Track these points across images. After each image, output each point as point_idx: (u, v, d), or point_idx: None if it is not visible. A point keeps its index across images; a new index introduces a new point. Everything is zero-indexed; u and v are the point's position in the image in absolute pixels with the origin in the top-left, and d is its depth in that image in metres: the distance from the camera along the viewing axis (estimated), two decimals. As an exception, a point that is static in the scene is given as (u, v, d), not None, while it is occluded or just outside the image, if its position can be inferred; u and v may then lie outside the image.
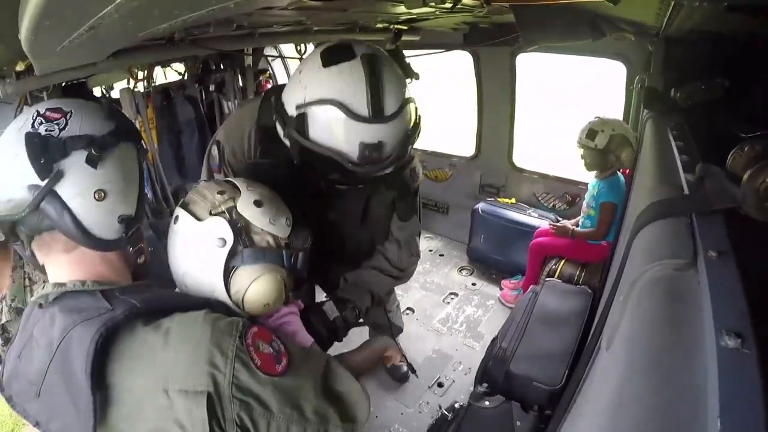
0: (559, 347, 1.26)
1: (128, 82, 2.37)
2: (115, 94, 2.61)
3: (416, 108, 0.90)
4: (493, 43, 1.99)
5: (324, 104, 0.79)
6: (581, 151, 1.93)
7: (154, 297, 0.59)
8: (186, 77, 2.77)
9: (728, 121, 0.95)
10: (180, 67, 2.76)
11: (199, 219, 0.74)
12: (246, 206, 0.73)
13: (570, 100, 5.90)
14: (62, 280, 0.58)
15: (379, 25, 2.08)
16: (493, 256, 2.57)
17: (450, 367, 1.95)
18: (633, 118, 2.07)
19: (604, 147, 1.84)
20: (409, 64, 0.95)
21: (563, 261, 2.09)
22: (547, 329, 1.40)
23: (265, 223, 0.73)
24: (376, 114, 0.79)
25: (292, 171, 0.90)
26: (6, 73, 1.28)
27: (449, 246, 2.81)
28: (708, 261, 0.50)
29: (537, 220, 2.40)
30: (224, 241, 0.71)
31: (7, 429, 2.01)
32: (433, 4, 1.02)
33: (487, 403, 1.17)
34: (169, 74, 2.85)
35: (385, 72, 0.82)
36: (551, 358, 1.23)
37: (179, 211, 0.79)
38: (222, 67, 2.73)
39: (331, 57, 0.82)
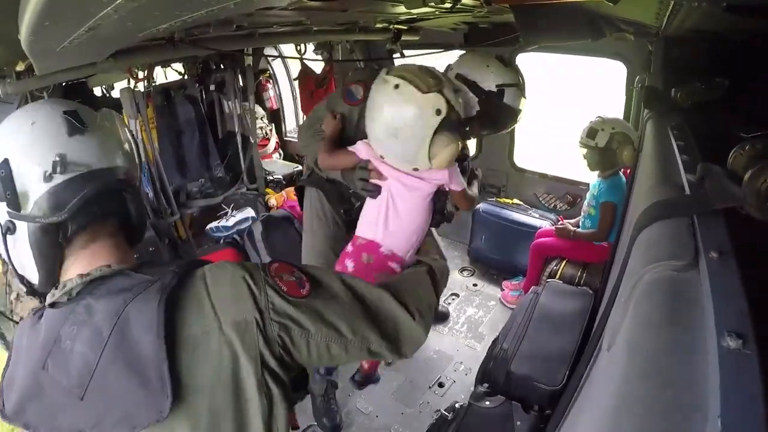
0: (559, 348, 1.26)
1: (128, 82, 2.37)
2: (115, 93, 2.61)
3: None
4: (493, 43, 1.99)
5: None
6: (583, 150, 1.93)
7: (179, 263, 0.60)
8: (186, 77, 2.77)
9: (728, 120, 0.95)
10: (180, 67, 2.77)
11: (422, 91, 0.95)
12: (449, 92, 0.98)
13: (570, 100, 5.90)
14: (79, 272, 0.57)
15: (379, 25, 2.08)
16: (494, 256, 2.56)
17: (451, 368, 1.94)
18: (633, 117, 2.07)
19: (604, 145, 1.84)
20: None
21: (564, 262, 2.09)
22: (548, 330, 1.40)
23: (460, 106, 1.01)
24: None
25: None
26: (6, 73, 1.28)
27: (450, 246, 2.81)
28: (709, 261, 0.50)
29: (538, 220, 2.40)
30: (440, 112, 0.95)
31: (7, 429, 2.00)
32: (432, 4, 1.02)
33: (487, 403, 1.17)
34: (169, 74, 2.85)
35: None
36: (552, 359, 1.23)
37: (399, 81, 0.96)
38: (222, 66, 2.73)
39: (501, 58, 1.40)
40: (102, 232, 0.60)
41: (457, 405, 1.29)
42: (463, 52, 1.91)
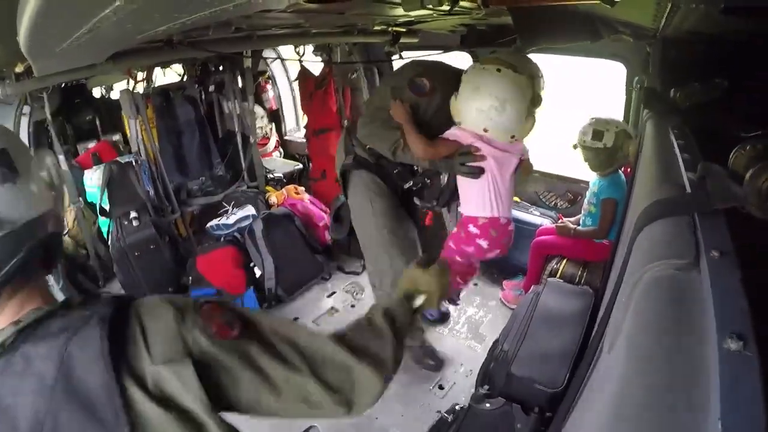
0: (561, 349, 1.26)
1: (128, 84, 2.37)
2: (114, 95, 2.62)
3: None
4: (491, 45, 2.00)
5: None
6: (585, 153, 1.93)
7: (110, 297, 0.57)
8: (185, 78, 2.78)
9: (728, 121, 0.95)
10: (179, 68, 2.77)
11: (520, 74, 1.22)
12: (535, 74, 1.28)
13: (570, 99, 5.91)
14: (10, 321, 0.52)
15: (378, 28, 2.08)
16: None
17: (451, 369, 1.94)
18: (633, 118, 2.07)
19: (612, 145, 1.84)
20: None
21: (565, 260, 2.08)
22: (549, 330, 1.40)
23: (539, 86, 1.28)
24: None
25: None
26: (5, 75, 1.28)
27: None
28: (710, 261, 0.50)
29: (538, 218, 2.40)
30: (531, 89, 1.22)
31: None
32: (430, 6, 1.03)
33: (487, 405, 1.17)
34: (168, 75, 2.86)
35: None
36: (553, 360, 1.22)
37: (498, 65, 1.22)
38: (221, 68, 2.74)
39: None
40: (30, 278, 0.54)
41: (457, 407, 1.28)
42: (463, 53, 1.92)
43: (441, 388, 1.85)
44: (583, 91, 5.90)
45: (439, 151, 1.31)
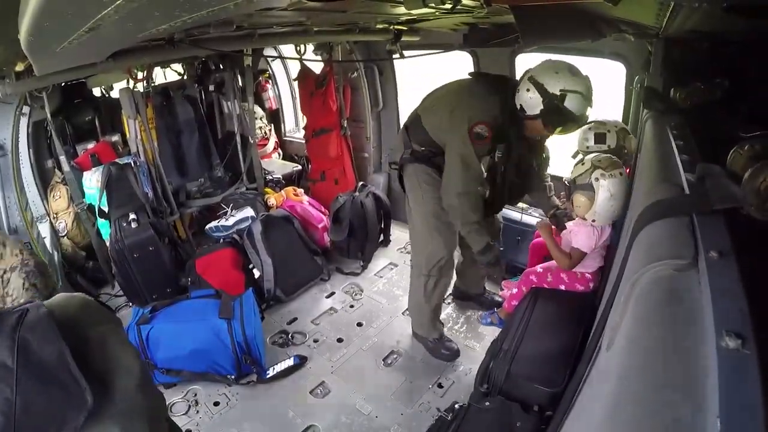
0: (559, 348, 1.26)
1: (128, 83, 2.36)
2: (114, 94, 2.61)
3: None
4: (493, 44, 1.99)
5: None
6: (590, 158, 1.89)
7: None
8: (185, 77, 2.77)
9: (728, 120, 0.95)
10: (179, 67, 2.76)
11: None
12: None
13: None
14: None
15: (379, 26, 2.08)
16: (493, 256, 2.57)
17: (450, 368, 1.95)
18: (633, 117, 2.07)
19: (616, 144, 1.83)
20: None
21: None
22: (548, 330, 1.40)
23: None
24: (590, 101, 1.62)
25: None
26: (6, 74, 1.28)
27: (449, 246, 2.81)
28: (709, 261, 0.50)
29: (538, 219, 2.40)
30: None
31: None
32: (433, 4, 1.02)
33: (487, 403, 1.17)
34: (168, 74, 2.85)
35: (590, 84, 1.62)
36: (552, 359, 1.23)
37: (619, 167, 1.49)
38: (221, 67, 2.73)
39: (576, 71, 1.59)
40: None
41: (456, 405, 1.29)
42: (462, 52, 1.92)
43: (440, 386, 1.86)
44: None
45: (575, 261, 1.59)
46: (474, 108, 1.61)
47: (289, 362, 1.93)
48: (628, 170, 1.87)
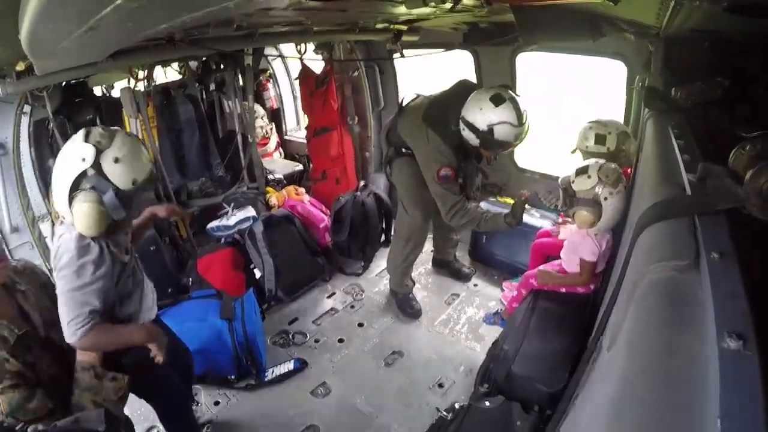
0: (560, 348, 1.26)
1: (129, 82, 2.36)
2: (115, 93, 2.61)
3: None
4: (493, 43, 1.99)
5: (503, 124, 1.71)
6: (587, 157, 1.88)
7: None
8: (186, 77, 2.77)
9: (729, 120, 0.95)
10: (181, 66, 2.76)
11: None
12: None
13: (570, 100, 5.89)
14: None
15: (379, 26, 2.07)
16: (495, 256, 2.56)
17: (451, 368, 1.94)
18: (633, 117, 2.06)
19: (615, 147, 1.82)
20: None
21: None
22: (549, 331, 1.40)
23: None
24: (521, 123, 1.72)
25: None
26: (6, 73, 1.28)
27: (450, 246, 2.80)
28: (710, 262, 0.50)
29: (539, 220, 2.39)
30: None
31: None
32: (433, 4, 1.02)
33: (487, 403, 1.17)
34: (169, 73, 2.85)
35: (518, 104, 1.71)
36: (552, 360, 1.23)
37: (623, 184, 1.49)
38: (222, 66, 2.73)
39: (498, 99, 1.70)
40: None
41: (457, 405, 1.29)
42: (464, 53, 1.93)
43: (441, 386, 1.86)
44: (583, 91, 5.89)
45: (588, 273, 1.61)
46: (437, 155, 1.87)
47: (289, 366, 1.93)
48: (628, 170, 1.87)
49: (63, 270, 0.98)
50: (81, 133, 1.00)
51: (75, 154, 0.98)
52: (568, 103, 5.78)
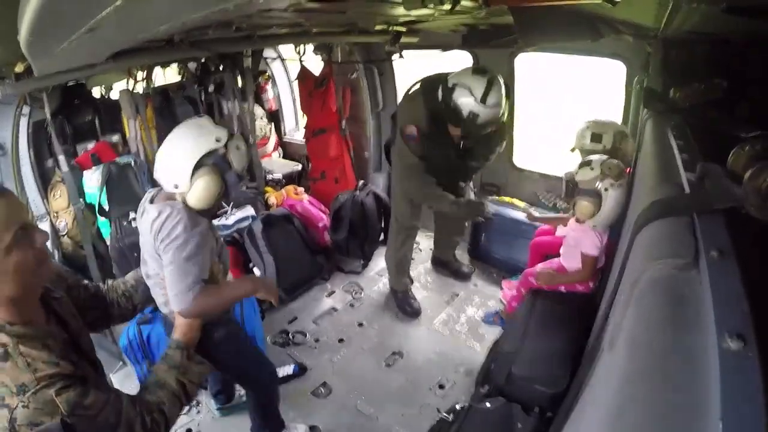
0: (560, 348, 1.26)
1: (127, 83, 2.36)
2: (114, 94, 2.61)
3: (503, 111, 1.78)
4: (492, 45, 2.00)
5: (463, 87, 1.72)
6: (584, 155, 1.90)
7: None
8: (185, 78, 2.77)
9: (728, 121, 0.95)
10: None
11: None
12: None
13: (570, 100, 5.90)
14: None
15: (378, 27, 2.08)
16: (495, 255, 2.56)
17: (451, 369, 1.94)
18: (633, 117, 2.07)
19: (611, 146, 1.83)
20: (509, 90, 1.86)
21: (563, 261, 2.07)
22: (549, 331, 1.40)
23: None
24: (482, 101, 1.70)
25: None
26: (5, 74, 1.28)
27: (449, 246, 2.80)
28: (710, 261, 0.50)
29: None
30: None
31: None
32: (431, 5, 1.02)
33: (488, 404, 1.17)
34: (168, 75, 2.85)
35: (494, 85, 1.70)
36: (553, 360, 1.22)
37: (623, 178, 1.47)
38: (221, 68, 2.73)
39: (477, 70, 1.75)
40: None
41: (457, 406, 1.29)
42: (464, 56, 1.95)
43: (441, 387, 1.86)
44: (582, 91, 5.90)
45: (590, 268, 1.59)
46: (410, 112, 1.88)
47: (288, 370, 1.92)
48: (627, 170, 1.87)
49: (175, 241, 1.05)
50: (208, 117, 1.16)
51: (208, 134, 1.10)
52: (567, 104, 5.79)
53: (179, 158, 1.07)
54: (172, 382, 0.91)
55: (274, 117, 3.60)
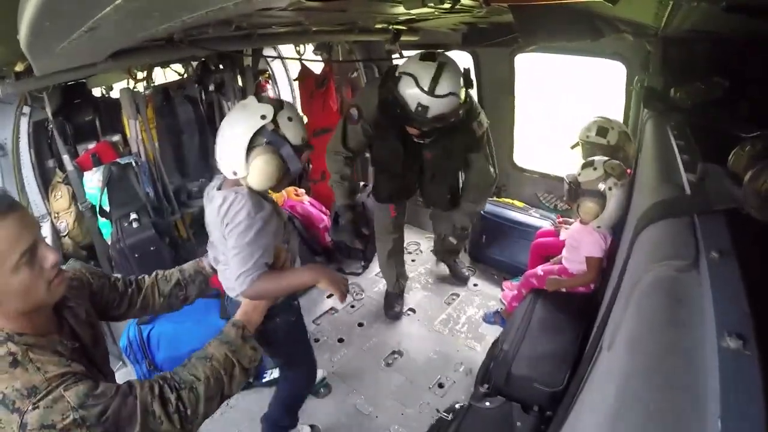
0: (560, 348, 1.26)
1: (128, 83, 2.36)
2: (114, 94, 2.61)
3: (461, 101, 1.58)
4: (492, 44, 1.99)
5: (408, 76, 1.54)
6: (586, 150, 1.91)
7: None
8: (185, 77, 2.77)
9: (728, 120, 0.95)
10: (179, 67, 2.76)
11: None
12: None
13: (570, 99, 5.90)
14: None
15: (378, 26, 2.07)
16: (495, 256, 2.56)
17: (451, 368, 1.94)
18: (633, 117, 2.07)
19: (615, 143, 1.84)
20: (469, 76, 1.61)
21: (563, 261, 2.07)
22: (549, 331, 1.40)
23: None
24: (430, 92, 1.50)
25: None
26: (5, 74, 1.28)
27: (449, 246, 2.80)
28: (710, 262, 0.50)
29: (539, 220, 2.40)
30: None
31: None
32: (432, 4, 1.02)
33: (487, 403, 1.17)
34: (168, 74, 2.85)
35: (445, 72, 1.51)
36: (552, 360, 1.23)
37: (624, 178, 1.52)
38: (221, 67, 2.73)
39: (425, 56, 1.59)
40: None
41: (457, 405, 1.29)
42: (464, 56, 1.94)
43: (441, 386, 1.86)
44: (582, 91, 5.90)
45: (595, 270, 1.58)
46: (360, 96, 1.88)
47: None
48: (628, 171, 1.87)
49: (239, 226, 1.05)
50: (252, 97, 1.11)
51: (253, 113, 1.06)
52: (566, 104, 5.79)
53: (231, 145, 1.07)
54: (220, 357, 0.87)
55: (274, 116, 3.59)
